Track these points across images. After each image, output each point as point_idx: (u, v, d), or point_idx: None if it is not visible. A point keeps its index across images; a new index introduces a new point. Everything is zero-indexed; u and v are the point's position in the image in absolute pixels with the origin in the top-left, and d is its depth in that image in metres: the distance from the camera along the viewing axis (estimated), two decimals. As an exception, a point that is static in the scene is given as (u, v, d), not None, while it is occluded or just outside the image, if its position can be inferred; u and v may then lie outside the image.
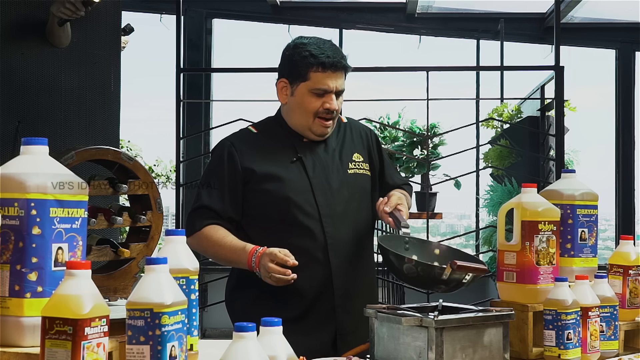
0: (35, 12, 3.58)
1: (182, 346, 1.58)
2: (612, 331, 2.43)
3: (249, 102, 6.32)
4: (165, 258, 1.60)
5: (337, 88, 2.57)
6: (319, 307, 2.57)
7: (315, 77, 2.55)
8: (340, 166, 2.65)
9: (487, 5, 8.15)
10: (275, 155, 2.60)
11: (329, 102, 2.56)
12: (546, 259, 2.43)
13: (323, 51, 2.55)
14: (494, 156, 6.31)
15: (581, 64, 10.71)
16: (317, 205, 2.56)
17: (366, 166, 2.70)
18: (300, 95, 2.58)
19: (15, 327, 1.67)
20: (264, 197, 2.57)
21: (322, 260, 2.55)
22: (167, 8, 7.90)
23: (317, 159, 2.62)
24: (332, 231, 2.56)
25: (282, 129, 2.67)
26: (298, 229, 2.55)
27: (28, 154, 1.75)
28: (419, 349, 2.11)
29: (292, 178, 2.57)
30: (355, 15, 8.19)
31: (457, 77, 15.77)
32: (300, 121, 2.61)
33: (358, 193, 2.66)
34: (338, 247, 2.57)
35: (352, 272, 2.60)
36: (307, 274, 2.52)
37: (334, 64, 2.55)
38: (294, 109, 2.62)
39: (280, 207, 2.55)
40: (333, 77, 2.55)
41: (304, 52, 2.56)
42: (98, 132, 3.82)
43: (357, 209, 2.65)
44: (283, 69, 2.63)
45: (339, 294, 2.57)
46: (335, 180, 2.61)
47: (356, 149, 2.71)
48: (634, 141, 8.03)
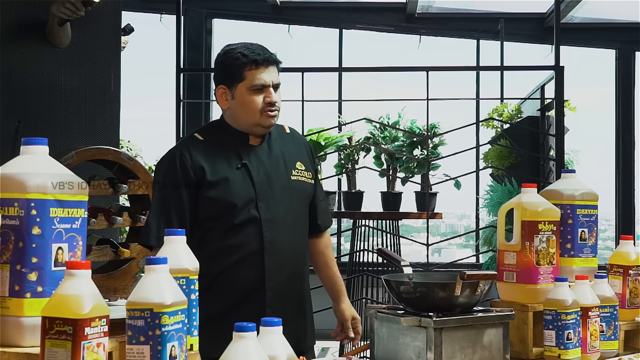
0: (35, 12, 3.59)
1: (182, 346, 1.58)
2: (612, 331, 2.43)
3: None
4: (165, 258, 1.60)
5: (274, 82, 2.68)
6: (249, 306, 2.62)
7: (250, 75, 2.65)
8: (285, 172, 2.72)
9: (487, 5, 8.14)
10: (221, 162, 2.66)
11: (269, 96, 2.65)
12: (546, 259, 2.43)
13: (252, 50, 2.67)
14: (494, 156, 6.30)
15: (581, 64, 10.71)
16: (259, 210, 2.63)
17: (308, 175, 2.79)
18: (241, 95, 2.66)
19: (15, 327, 1.67)
20: (209, 201, 2.62)
21: (257, 262, 2.62)
22: (167, 8, 7.90)
23: (262, 164, 2.69)
24: (270, 236, 2.63)
25: (227, 134, 2.73)
26: (239, 232, 2.62)
27: (28, 154, 1.75)
28: (418, 349, 2.11)
29: (237, 184, 2.63)
30: (355, 15, 8.19)
31: (457, 77, 15.76)
32: (246, 120, 2.68)
33: (299, 199, 2.74)
34: (274, 251, 2.63)
35: (285, 275, 2.66)
36: (241, 273, 2.61)
37: (266, 59, 2.66)
38: (237, 111, 2.69)
39: (222, 211, 2.61)
40: (267, 72, 2.66)
41: (235, 54, 2.68)
42: (98, 132, 3.82)
43: (297, 215, 2.73)
44: (219, 76, 2.73)
45: (270, 296, 2.63)
46: (277, 186, 2.69)
47: (299, 157, 2.79)
48: (634, 141, 8.02)
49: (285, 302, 2.65)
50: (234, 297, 2.61)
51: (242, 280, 2.62)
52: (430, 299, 2.16)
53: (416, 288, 2.19)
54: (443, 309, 2.14)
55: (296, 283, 2.72)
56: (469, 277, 2.14)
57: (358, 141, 5.44)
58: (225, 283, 2.61)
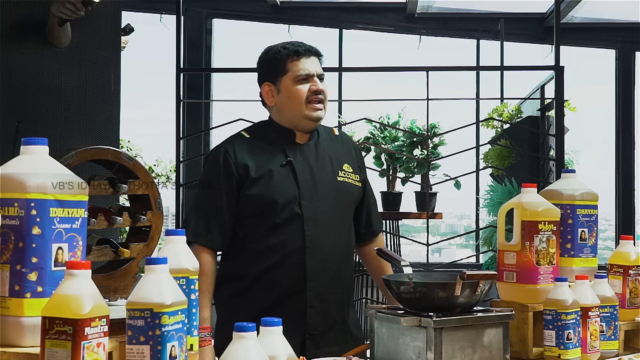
0: (35, 12, 3.58)
1: (182, 346, 1.58)
2: (612, 331, 2.43)
3: (249, 102, 6.31)
4: (165, 258, 1.60)
5: (317, 72, 2.70)
6: (290, 306, 2.61)
7: (293, 66, 2.67)
8: (331, 172, 2.71)
9: (487, 5, 8.14)
10: (266, 159, 2.67)
11: (315, 84, 2.67)
12: (546, 259, 2.43)
13: (293, 44, 2.70)
14: (494, 156, 6.30)
15: (581, 64, 10.72)
16: (302, 209, 2.62)
17: (356, 177, 2.78)
18: (286, 87, 2.68)
19: (15, 327, 1.67)
20: (251, 198, 2.63)
21: (299, 261, 2.61)
22: (167, 8, 7.90)
23: (307, 163, 2.68)
24: (312, 234, 2.62)
25: (274, 131, 2.74)
26: (281, 230, 2.62)
27: (28, 154, 1.75)
28: (418, 349, 2.11)
29: (281, 182, 2.63)
30: (355, 15, 8.18)
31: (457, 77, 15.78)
32: (293, 113, 2.68)
33: (344, 200, 2.73)
34: (316, 250, 2.62)
35: (328, 275, 2.64)
36: (282, 272, 2.61)
37: (307, 49, 2.70)
38: (284, 105, 2.70)
39: (264, 208, 2.62)
40: (309, 62, 2.69)
41: (276, 49, 2.71)
42: (98, 132, 3.82)
43: (341, 215, 2.71)
44: (263, 74, 2.75)
45: (312, 296, 2.62)
46: (322, 185, 2.67)
47: (347, 160, 2.78)
48: (634, 141, 8.02)
49: (328, 304, 2.63)
50: (275, 297, 2.60)
51: (284, 280, 2.61)
52: (430, 299, 2.15)
53: (416, 288, 2.19)
54: (443, 309, 2.14)
55: (339, 284, 2.69)
56: (469, 277, 2.14)
57: (358, 141, 5.44)
58: (267, 283, 2.61)
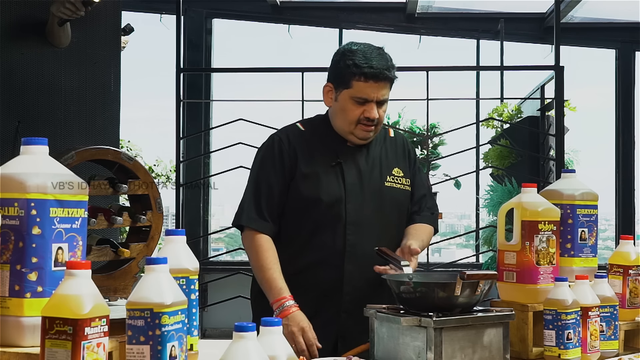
0: (35, 12, 3.58)
1: (182, 346, 1.58)
2: (612, 331, 2.43)
3: (249, 102, 6.33)
4: (165, 258, 1.60)
5: (379, 98, 2.60)
6: (325, 308, 2.60)
7: (357, 86, 2.59)
8: (379, 177, 2.68)
9: (487, 5, 8.14)
10: (317, 156, 2.65)
11: (370, 111, 2.60)
12: (546, 258, 2.43)
13: (368, 61, 2.57)
14: (494, 156, 6.31)
15: (581, 64, 10.71)
16: (346, 212, 2.60)
17: (406, 182, 2.73)
18: (343, 101, 2.63)
19: (15, 327, 1.67)
20: (298, 194, 2.63)
21: (337, 264, 2.59)
22: (167, 8, 7.90)
23: (356, 166, 2.66)
24: (353, 239, 2.60)
25: (329, 129, 2.71)
26: (321, 230, 2.60)
27: (28, 154, 1.75)
28: (418, 349, 2.11)
29: (328, 181, 2.62)
30: (355, 15, 8.19)
31: (457, 77, 15.76)
32: (342, 126, 2.66)
33: (390, 206, 2.68)
34: (355, 255, 2.60)
35: (365, 280, 2.61)
36: (319, 274, 2.60)
37: (377, 75, 2.57)
38: (337, 114, 2.67)
39: (309, 207, 2.61)
40: (375, 87, 2.58)
41: (349, 60, 2.60)
42: (98, 132, 3.82)
43: (386, 221, 2.67)
44: (330, 74, 2.69)
45: (347, 300, 2.60)
46: (369, 190, 2.65)
47: (398, 164, 2.75)
48: (634, 141, 8.02)
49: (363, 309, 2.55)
50: (311, 297, 2.58)
51: (320, 281, 2.60)
52: (430, 299, 2.15)
53: (416, 288, 2.19)
54: (443, 309, 2.14)
55: (376, 291, 2.61)
56: (469, 277, 2.14)
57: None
58: (304, 282, 2.59)
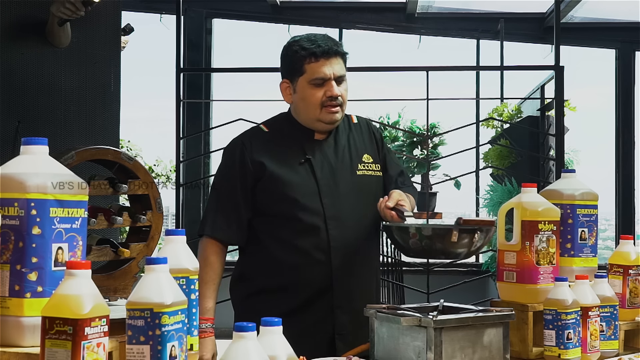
0: (35, 12, 3.58)
1: (182, 346, 1.58)
2: (612, 331, 2.43)
3: (249, 102, 6.32)
4: (165, 258, 1.60)
5: (335, 74, 2.59)
6: (317, 306, 2.58)
7: (310, 68, 2.57)
8: (350, 166, 2.66)
9: (487, 5, 8.15)
10: (284, 156, 2.62)
11: (330, 90, 2.57)
12: (546, 258, 2.43)
13: (314, 42, 2.58)
14: (494, 156, 6.31)
15: (581, 64, 10.73)
16: (323, 207, 2.58)
17: (376, 167, 2.71)
18: (302, 89, 2.60)
19: (15, 327, 1.67)
20: (271, 197, 2.60)
21: (324, 260, 2.57)
22: (167, 8, 7.90)
23: (326, 160, 2.63)
24: (336, 233, 2.58)
25: (293, 127, 2.68)
26: (303, 229, 2.57)
27: (28, 154, 1.75)
28: (418, 348, 2.11)
29: (300, 180, 2.59)
30: (355, 15, 8.19)
31: (457, 77, 15.77)
32: (308, 115, 2.62)
33: (365, 195, 2.66)
34: (340, 249, 2.58)
35: (353, 274, 2.61)
36: (308, 273, 2.57)
37: (326, 51, 2.57)
38: (299, 106, 2.64)
39: (286, 208, 2.58)
40: (328, 64, 2.57)
41: (295, 47, 2.60)
42: (98, 132, 3.82)
43: (363, 211, 2.65)
44: (282, 70, 2.68)
45: (338, 295, 2.58)
46: (342, 182, 2.62)
47: (366, 150, 2.72)
48: (634, 141, 8.03)
49: (357, 303, 2.57)
50: (301, 297, 2.57)
51: (309, 281, 2.57)
52: (430, 246, 2.21)
53: (420, 233, 2.22)
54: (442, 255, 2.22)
55: (366, 283, 2.65)
56: (465, 222, 2.16)
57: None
58: (291, 283, 2.57)
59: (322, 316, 2.59)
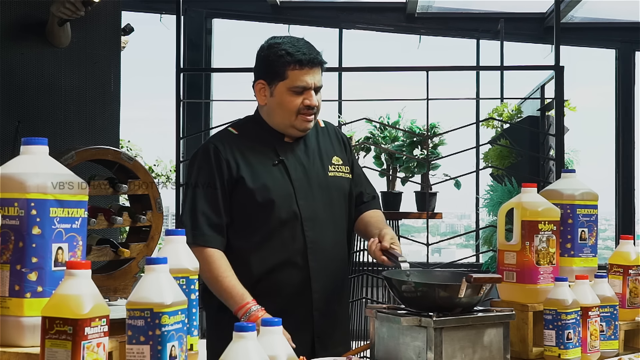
0: (35, 12, 3.58)
1: (182, 346, 1.58)
2: (612, 331, 2.43)
3: (249, 102, 6.31)
4: (165, 258, 1.60)
5: (316, 84, 2.56)
6: (296, 309, 2.53)
7: (293, 75, 2.53)
8: (321, 168, 2.64)
9: (487, 5, 8.15)
10: (257, 158, 2.58)
11: (309, 99, 2.55)
12: (546, 258, 2.43)
13: (298, 49, 2.54)
14: (494, 156, 6.30)
15: (581, 64, 10.74)
16: (299, 209, 2.55)
17: (346, 169, 2.69)
18: (280, 94, 2.56)
19: (15, 327, 1.67)
20: (246, 200, 2.54)
21: (301, 264, 2.54)
22: (167, 8, 7.90)
23: (299, 161, 2.60)
24: (312, 235, 2.55)
25: (263, 129, 2.63)
26: (279, 232, 2.53)
27: (28, 154, 1.75)
28: (418, 348, 2.11)
29: (275, 182, 2.55)
30: (355, 15, 8.19)
31: (457, 77, 15.79)
32: (282, 120, 2.59)
33: (337, 196, 2.65)
34: (317, 251, 2.56)
35: (330, 275, 2.59)
36: (285, 276, 2.53)
37: (311, 60, 2.54)
38: (274, 109, 2.59)
39: (262, 211, 2.53)
40: (310, 74, 2.54)
41: (279, 51, 2.55)
42: (98, 132, 3.82)
43: (337, 212, 2.64)
44: (260, 70, 2.61)
45: (317, 297, 2.55)
46: (316, 183, 2.60)
47: (335, 152, 2.70)
48: (634, 141, 8.03)
49: (333, 305, 2.57)
50: (280, 300, 2.51)
51: (287, 284, 2.53)
52: (432, 299, 2.15)
53: (417, 288, 2.19)
54: (444, 309, 2.14)
55: (341, 284, 2.64)
56: (476, 280, 2.12)
57: (358, 141, 5.44)
58: (269, 288, 2.52)
59: (302, 319, 2.54)
